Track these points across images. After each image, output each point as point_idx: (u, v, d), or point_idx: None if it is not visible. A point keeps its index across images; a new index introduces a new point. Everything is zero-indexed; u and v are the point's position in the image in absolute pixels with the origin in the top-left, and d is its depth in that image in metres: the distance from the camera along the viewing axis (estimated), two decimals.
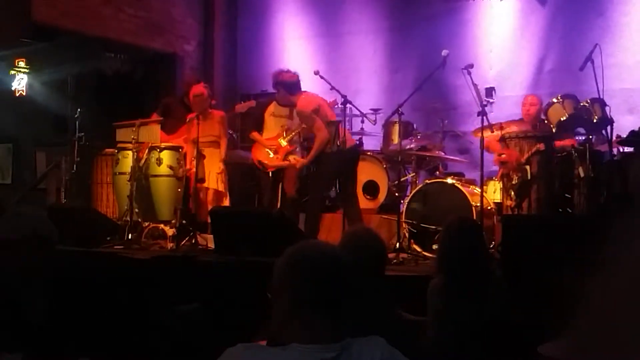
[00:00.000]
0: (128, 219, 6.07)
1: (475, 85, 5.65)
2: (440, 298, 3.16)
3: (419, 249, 5.75)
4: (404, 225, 5.83)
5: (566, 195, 5.84)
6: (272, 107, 6.73)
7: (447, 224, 3.45)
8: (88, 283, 4.93)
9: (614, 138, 5.56)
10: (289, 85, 6.12)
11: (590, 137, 5.95)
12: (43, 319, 2.47)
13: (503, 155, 6.12)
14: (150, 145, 6.36)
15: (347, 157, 5.99)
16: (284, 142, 6.56)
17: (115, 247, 5.91)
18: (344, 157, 5.92)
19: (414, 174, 6.70)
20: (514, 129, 6.05)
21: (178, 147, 6.53)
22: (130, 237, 5.98)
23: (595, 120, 5.51)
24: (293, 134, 6.56)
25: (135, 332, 4.34)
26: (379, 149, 7.22)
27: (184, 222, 6.16)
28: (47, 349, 2.49)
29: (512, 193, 5.90)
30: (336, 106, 6.57)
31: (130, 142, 6.26)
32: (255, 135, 6.73)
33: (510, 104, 7.05)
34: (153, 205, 6.33)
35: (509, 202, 5.93)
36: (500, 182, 6.12)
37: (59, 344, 2.53)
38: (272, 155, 6.56)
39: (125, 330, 4.48)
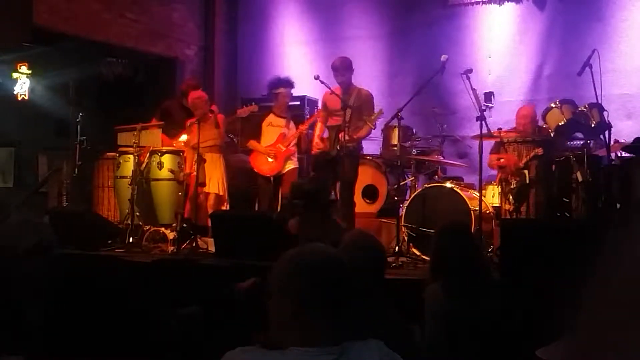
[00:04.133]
0: (129, 222, 6.10)
1: (474, 90, 5.67)
2: (436, 302, 3.18)
3: (418, 253, 5.77)
4: (403, 229, 5.86)
5: (564, 199, 5.87)
6: (270, 118, 6.95)
7: (437, 229, 3.50)
8: (89, 286, 4.97)
9: (612, 143, 5.58)
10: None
11: (589, 142, 5.99)
12: (43, 321, 2.49)
13: (502, 160, 6.16)
14: (151, 149, 6.40)
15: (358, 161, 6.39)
16: (282, 148, 6.79)
17: (116, 250, 5.93)
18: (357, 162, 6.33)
19: (413, 178, 6.72)
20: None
21: (179, 151, 6.57)
22: (131, 240, 6.00)
23: (593, 125, 5.52)
24: (291, 139, 6.82)
25: (136, 334, 4.37)
26: (378, 153, 7.24)
27: (184, 225, 6.19)
28: (48, 350, 2.52)
29: (511, 197, 5.94)
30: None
31: (132, 146, 6.30)
32: (253, 143, 6.93)
33: (509, 109, 7.08)
34: (154, 208, 6.36)
35: (507, 206, 5.96)
36: (499, 187, 6.15)
37: (61, 346, 2.56)
38: (271, 160, 6.76)
39: (126, 332, 4.51)
